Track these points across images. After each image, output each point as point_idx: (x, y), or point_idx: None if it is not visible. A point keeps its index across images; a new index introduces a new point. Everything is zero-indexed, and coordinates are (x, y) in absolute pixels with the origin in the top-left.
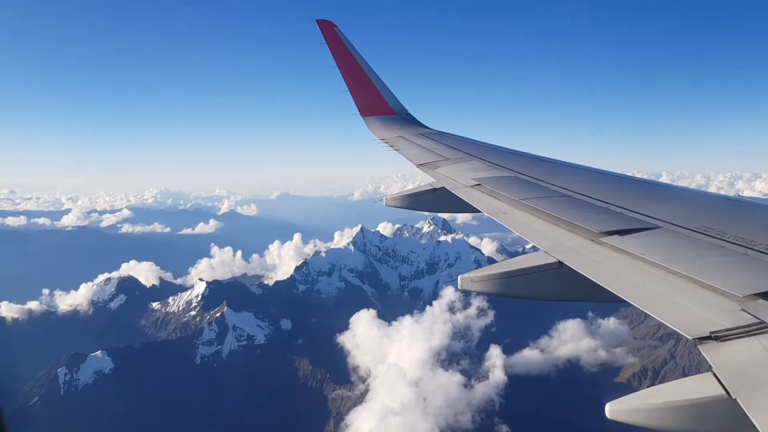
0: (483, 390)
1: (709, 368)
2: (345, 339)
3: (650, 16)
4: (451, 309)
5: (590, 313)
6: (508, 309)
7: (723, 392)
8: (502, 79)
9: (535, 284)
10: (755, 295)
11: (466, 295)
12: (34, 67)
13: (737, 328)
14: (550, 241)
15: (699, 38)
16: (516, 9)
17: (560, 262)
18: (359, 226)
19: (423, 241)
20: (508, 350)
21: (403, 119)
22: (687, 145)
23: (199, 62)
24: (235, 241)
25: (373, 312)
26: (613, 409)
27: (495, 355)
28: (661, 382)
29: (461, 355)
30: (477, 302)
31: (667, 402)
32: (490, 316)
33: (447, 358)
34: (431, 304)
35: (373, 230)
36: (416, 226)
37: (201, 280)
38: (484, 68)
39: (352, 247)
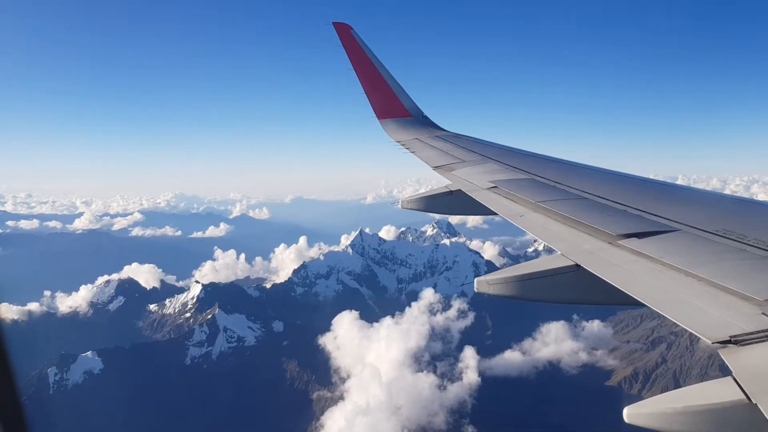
0: (456, 391)
1: (730, 372)
2: (328, 340)
3: (668, 16)
4: (432, 311)
5: (575, 316)
6: (492, 311)
7: (743, 397)
8: (518, 81)
9: (552, 287)
10: None
11: (446, 297)
12: (56, 74)
13: (758, 332)
14: (567, 243)
15: (715, 39)
16: (531, 10)
17: (577, 265)
18: (358, 229)
19: (426, 244)
20: (489, 352)
21: (419, 122)
22: (704, 148)
23: (217, 67)
24: (244, 244)
25: (355, 313)
26: (630, 414)
27: (469, 356)
28: (652, 385)
29: (438, 356)
30: (457, 304)
31: (687, 406)
32: (470, 318)
33: (423, 360)
34: (410, 306)
35: (372, 233)
36: (421, 229)
37: (197, 282)
38: (501, 70)
39: (350, 250)
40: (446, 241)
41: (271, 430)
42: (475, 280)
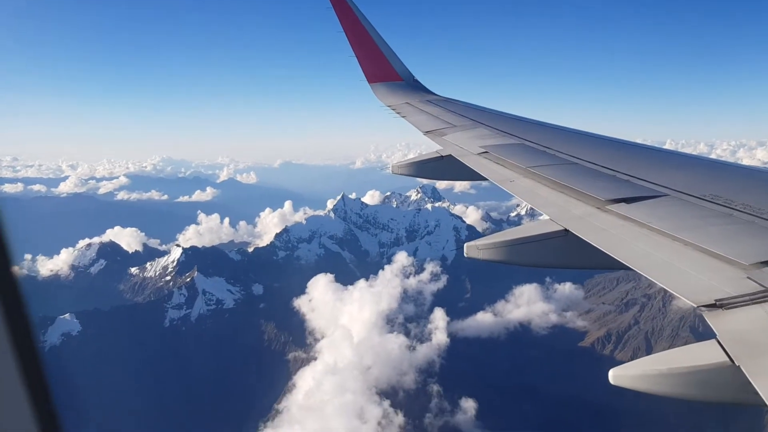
0: (425, 352)
1: (713, 335)
2: (303, 303)
3: None
4: (405, 274)
5: (548, 278)
6: (467, 274)
7: (727, 359)
8: (508, 45)
9: (541, 252)
10: (761, 263)
11: (419, 260)
12: (43, 33)
13: (742, 296)
14: (556, 208)
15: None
16: None
17: (566, 230)
18: (341, 194)
19: (410, 209)
20: (461, 314)
21: (410, 86)
22: (692, 112)
23: (207, 28)
24: (230, 208)
25: (330, 276)
26: (616, 375)
27: (439, 317)
28: (624, 346)
29: (409, 318)
30: (430, 267)
31: (671, 368)
32: (443, 280)
33: (394, 321)
34: (383, 269)
35: (355, 198)
36: (405, 194)
37: (178, 246)
38: (490, 34)
39: (332, 215)
40: (428, 206)
41: (247, 391)
42: (465, 245)
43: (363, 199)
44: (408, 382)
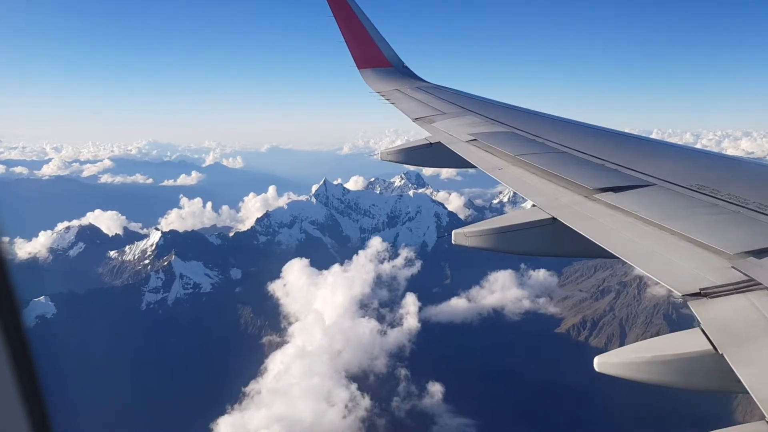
0: (395, 336)
1: (698, 324)
2: (278, 287)
3: None
4: (379, 259)
5: (522, 265)
6: (443, 260)
7: (710, 347)
8: (496, 31)
9: (529, 240)
10: (746, 252)
11: (394, 245)
12: (29, 15)
13: (727, 285)
14: (544, 197)
15: None
16: None
17: (554, 218)
18: (323, 179)
19: (393, 195)
20: (435, 299)
21: (400, 72)
22: (679, 102)
23: (193, 7)
24: (214, 193)
25: (305, 261)
26: (601, 362)
27: (410, 302)
28: (599, 333)
29: (382, 303)
30: (405, 253)
31: (656, 356)
32: (417, 266)
33: (367, 306)
34: (357, 254)
35: (336, 183)
36: (390, 180)
37: (157, 229)
38: (480, 20)
39: (314, 200)
40: (410, 192)
41: (220, 374)
42: (453, 232)
43: (346, 185)
44: (377, 366)
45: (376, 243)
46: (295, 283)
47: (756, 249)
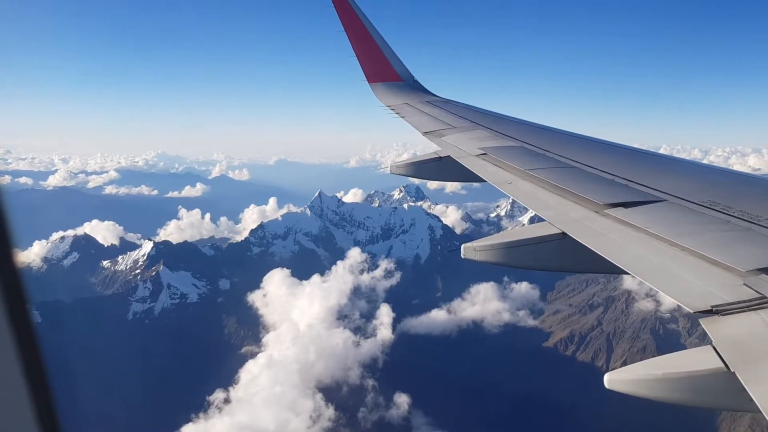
0: (368, 347)
1: (709, 342)
2: (257, 298)
3: None
4: (359, 270)
5: (505, 278)
6: (424, 271)
7: (722, 365)
8: (507, 47)
9: (538, 255)
10: (758, 270)
11: (373, 256)
12: (46, 28)
13: (739, 302)
14: (554, 211)
15: (700, 7)
16: None
17: (564, 233)
18: (318, 191)
19: (389, 207)
20: (415, 311)
21: (410, 86)
22: (688, 118)
23: (206, 21)
24: (217, 205)
25: (286, 271)
26: (611, 379)
27: (384, 314)
28: (587, 347)
29: (358, 314)
30: (384, 264)
31: (666, 374)
32: (397, 277)
33: (343, 317)
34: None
35: (331, 195)
36: (389, 193)
37: (149, 239)
38: (491, 35)
39: (308, 212)
40: (405, 205)
41: (197, 384)
42: (462, 246)
43: (345, 198)
44: (347, 377)
45: (355, 254)
46: (275, 294)
47: None
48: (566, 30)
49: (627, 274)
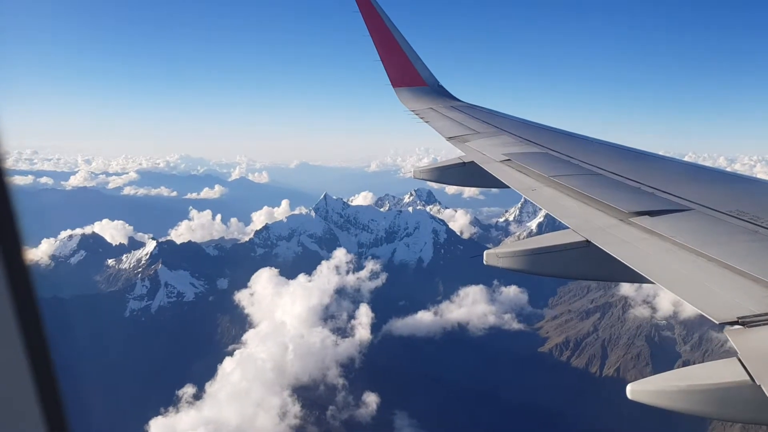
0: (346, 347)
1: (735, 353)
2: (243, 296)
3: None
4: (345, 270)
5: (495, 281)
6: (411, 272)
7: (747, 378)
8: (534, 54)
9: (561, 262)
10: None
11: (360, 257)
12: (86, 34)
13: (766, 314)
14: (578, 219)
15: (727, 8)
16: None
17: (588, 241)
18: (323, 193)
19: (392, 210)
20: (402, 312)
21: (435, 91)
22: (716, 124)
23: (233, 30)
24: (233, 206)
25: (274, 270)
26: (634, 390)
27: (363, 314)
28: (582, 352)
29: (340, 314)
30: (370, 265)
31: (691, 385)
32: (382, 278)
33: (324, 316)
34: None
35: (336, 198)
36: (400, 197)
37: (153, 238)
38: (516, 41)
39: (313, 214)
40: (409, 208)
41: (180, 381)
42: (485, 252)
43: (355, 201)
44: (323, 376)
45: (340, 254)
46: (262, 293)
47: None
48: (596, 38)
49: (652, 283)
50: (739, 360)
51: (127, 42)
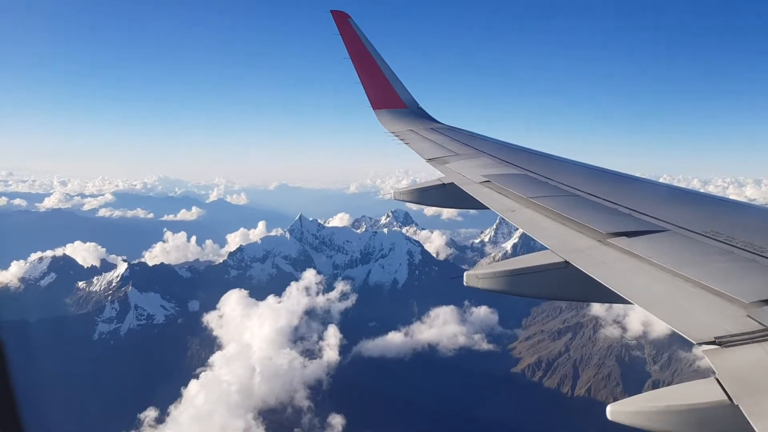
0: (313, 369)
1: (711, 373)
2: (212, 318)
3: (653, 17)
4: (314, 291)
5: (466, 302)
6: (386, 293)
7: (725, 398)
8: (512, 78)
9: (541, 283)
10: (762, 301)
11: (330, 278)
12: (56, 55)
13: (742, 334)
14: (557, 240)
15: (701, 37)
16: (524, 9)
17: (567, 262)
18: (298, 215)
19: (367, 232)
20: (371, 333)
21: (415, 113)
22: (690, 147)
23: (211, 51)
24: (210, 228)
25: (244, 292)
26: (614, 411)
27: (331, 335)
28: (553, 373)
29: (308, 335)
30: (340, 286)
31: (669, 406)
32: (353, 299)
33: (293, 338)
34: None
35: (312, 219)
36: (376, 218)
37: (124, 261)
38: (495, 65)
39: (288, 235)
40: (385, 230)
41: (144, 404)
42: (465, 273)
43: (331, 222)
44: (290, 398)
45: (310, 275)
46: (230, 315)
47: None
48: (570, 59)
49: (630, 304)
50: (717, 380)
51: (106, 64)
